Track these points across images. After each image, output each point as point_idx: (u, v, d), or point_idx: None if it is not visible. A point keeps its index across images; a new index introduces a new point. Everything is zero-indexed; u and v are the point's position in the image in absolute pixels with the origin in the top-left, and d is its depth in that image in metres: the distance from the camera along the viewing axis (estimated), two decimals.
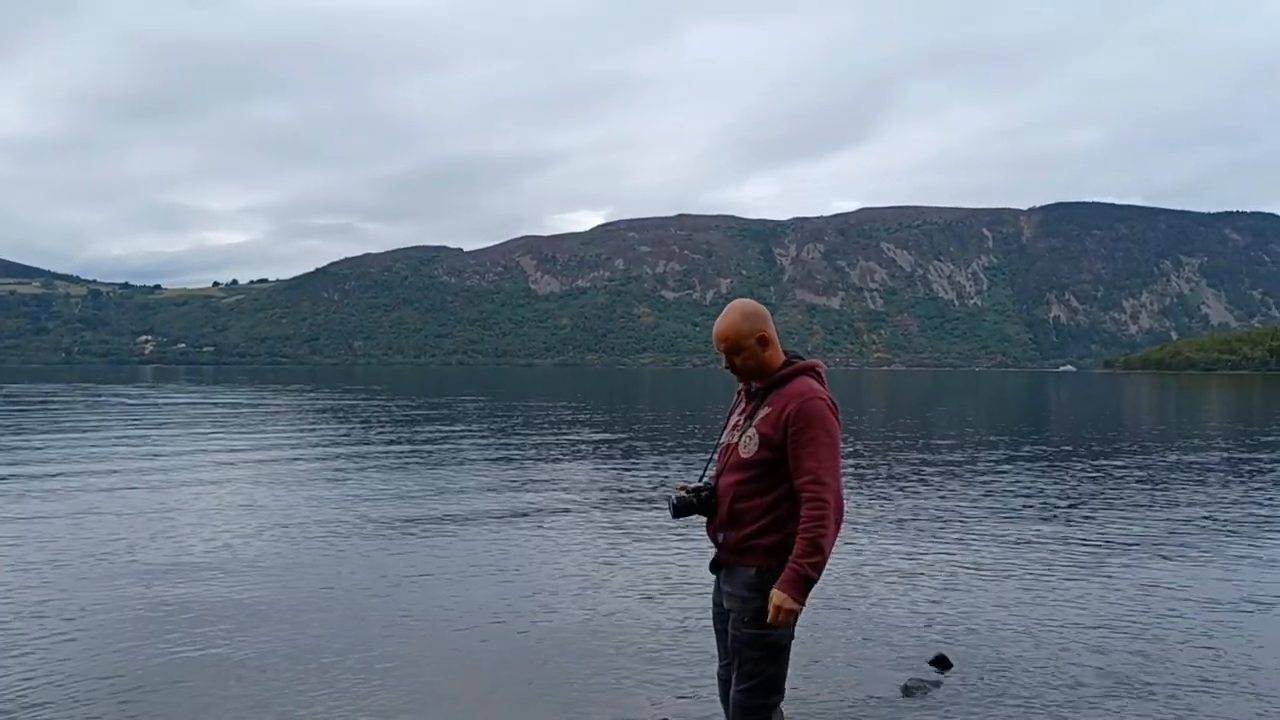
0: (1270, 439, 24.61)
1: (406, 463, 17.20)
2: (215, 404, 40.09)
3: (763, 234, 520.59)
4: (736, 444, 3.50)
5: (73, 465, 16.20)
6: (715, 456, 3.68)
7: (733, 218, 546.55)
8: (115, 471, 15.45)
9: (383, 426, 27.03)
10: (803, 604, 3.28)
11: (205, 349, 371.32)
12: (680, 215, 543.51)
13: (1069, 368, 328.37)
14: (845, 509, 3.42)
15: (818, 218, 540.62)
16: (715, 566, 3.60)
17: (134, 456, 17.89)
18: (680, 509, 3.53)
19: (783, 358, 3.53)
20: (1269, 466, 17.66)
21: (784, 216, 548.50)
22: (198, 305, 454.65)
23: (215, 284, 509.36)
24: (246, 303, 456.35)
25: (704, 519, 3.59)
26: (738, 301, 3.59)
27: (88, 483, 13.91)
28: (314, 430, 25.86)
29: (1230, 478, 15.86)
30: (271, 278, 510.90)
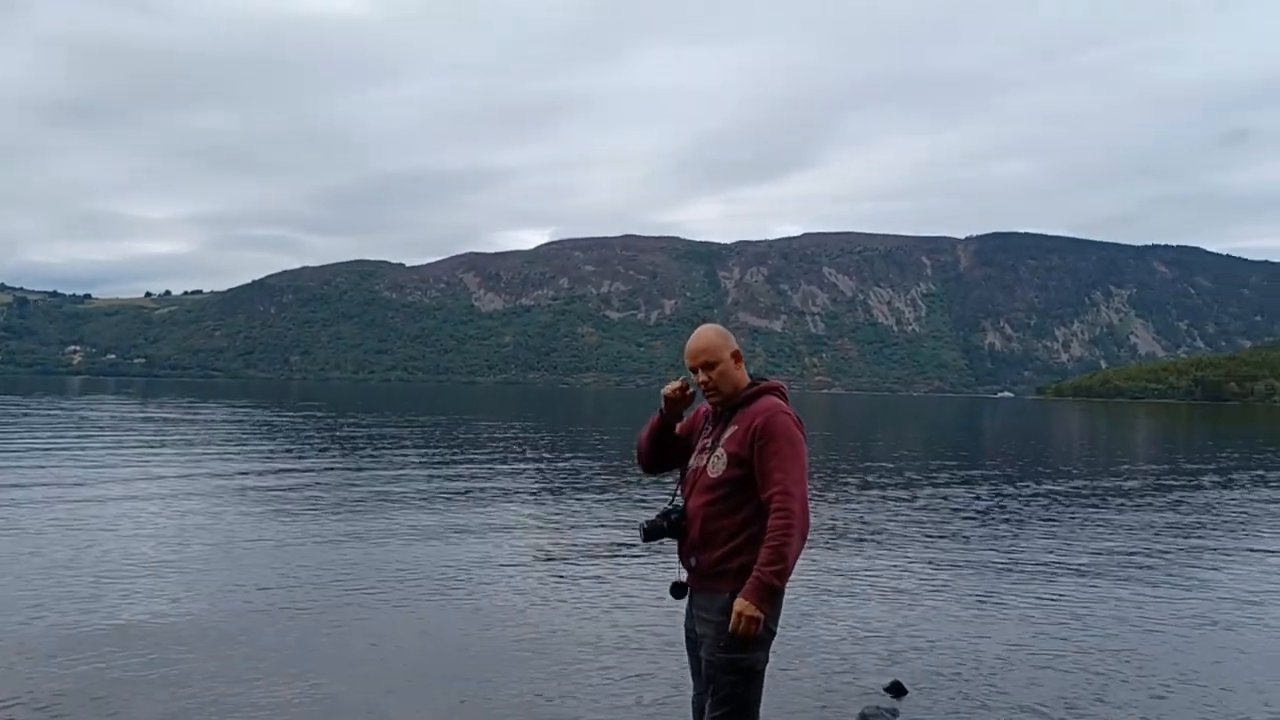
0: (1197, 466, 25.32)
1: (340, 480, 16.87)
2: (142, 417, 39.00)
3: (707, 256, 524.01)
4: (705, 465, 3.52)
5: None
6: (681, 481, 3.67)
7: (678, 239, 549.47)
8: (35, 485, 14.90)
9: (317, 443, 26.53)
10: (765, 613, 3.27)
11: (136, 360, 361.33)
12: (626, 235, 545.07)
13: (1006, 394, 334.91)
14: (810, 524, 3.45)
15: (761, 241, 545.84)
16: (681, 591, 3.56)
17: (55, 470, 17.28)
18: (651, 533, 3.53)
19: (749, 378, 3.62)
20: (1198, 492, 18.14)
21: (728, 239, 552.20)
22: (129, 315, 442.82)
23: (148, 294, 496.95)
24: (180, 314, 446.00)
25: (675, 543, 3.57)
26: (706, 325, 3.67)
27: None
28: (244, 446, 25.27)
29: (1164, 503, 16.25)
30: (206, 289, 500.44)
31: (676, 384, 3.59)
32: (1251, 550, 11.63)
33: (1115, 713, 5.73)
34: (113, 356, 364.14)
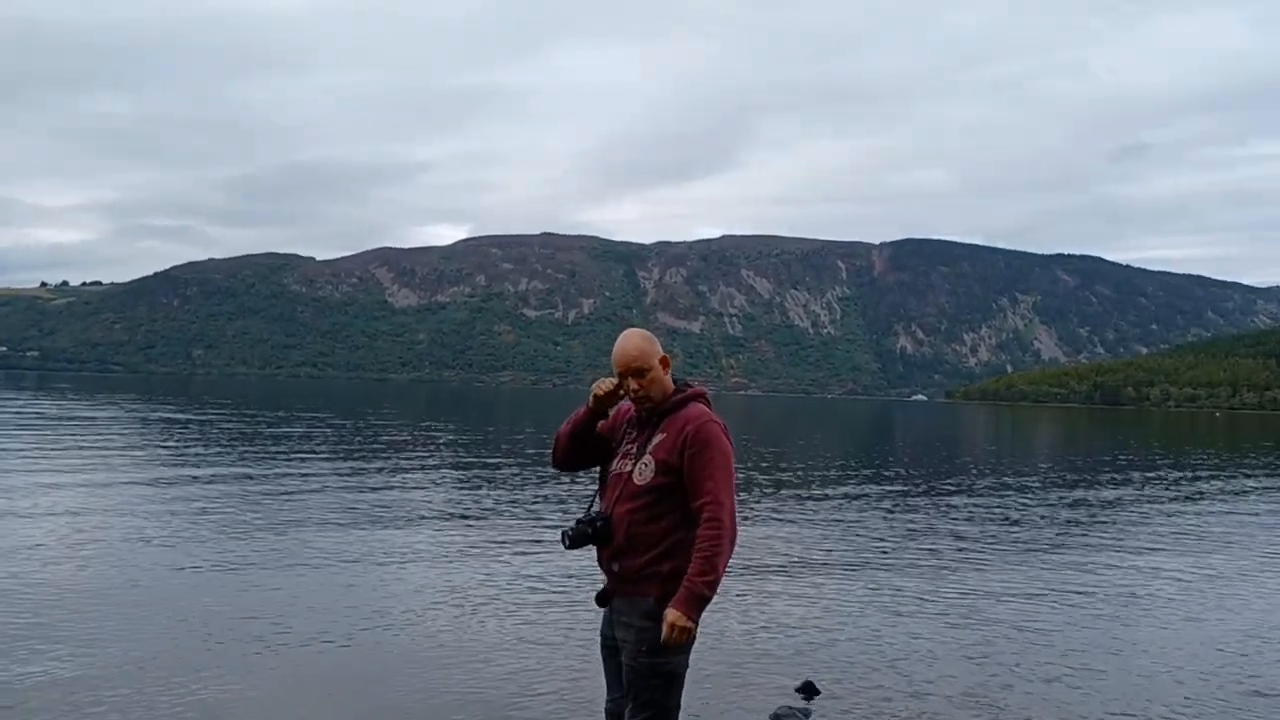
0: (1095, 468, 26.20)
1: (244, 480, 16.31)
2: (32, 413, 37.27)
3: (627, 256, 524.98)
4: (630, 472, 3.50)
5: None
6: (602, 486, 3.66)
7: (597, 239, 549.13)
8: None
9: (219, 441, 25.68)
10: (696, 622, 3.28)
11: (29, 353, 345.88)
12: (545, 234, 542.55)
13: (920, 397, 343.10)
14: (738, 532, 3.43)
15: (681, 243, 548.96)
16: (604, 598, 3.55)
17: None
18: (576, 539, 3.50)
19: (674, 383, 3.59)
20: (1096, 491, 18.78)
21: (648, 240, 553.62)
22: (22, 306, 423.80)
23: (43, 284, 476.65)
24: (77, 305, 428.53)
25: (594, 550, 3.54)
26: (631, 329, 3.64)
27: None
28: (142, 443, 24.32)
29: (1064, 503, 16.75)
30: (106, 280, 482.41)
31: (610, 383, 3.56)
32: (1144, 548, 12.02)
33: (1022, 699, 5.90)
34: (3, 349, 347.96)
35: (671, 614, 3.26)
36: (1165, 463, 29.44)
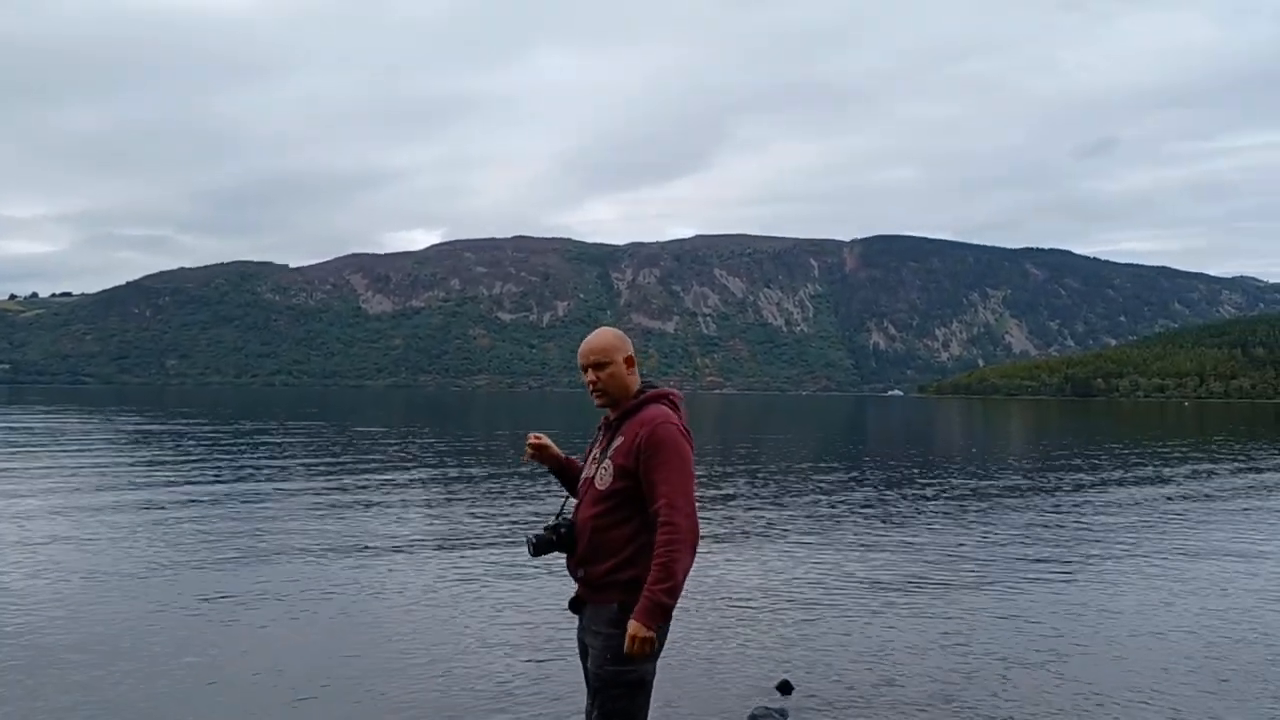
0: (1074, 460, 26.46)
1: (218, 494, 16.19)
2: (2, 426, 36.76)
3: (600, 258, 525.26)
4: (593, 477, 3.48)
5: None
6: (572, 493, 3.67)
7: (570, 241, 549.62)
8: None
9: (193, 453, 25.45)
10: (660, 631, 3.24)
11: (0, 366, 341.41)
12: (518, 237, 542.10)
13: (896, 392, 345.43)
14: (700, 535, 3.37)
15: (654, 243, 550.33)
16: (577, 605, 3.54)
17: None
18: (540, 547, 3.49)
19: (638, 385, 3.55)
20: (1075, 490, 18.96)
21: (621, 241, 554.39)
22: None
23: (12, 296, 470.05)
24: (47, 317, 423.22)
25: (564, 556, 3.54)
26: (604, 327, 3.65)
27: None
28: (113, 457, 24.06)
29: (1041, 499, 16.89)
30: (76, 291, 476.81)
31: (534, 437, 3.67)
32: (1122, 546, 12.16)
33: (996, 700, 5.90)
34: None
35: (632, 624, 3.21)
36: (1135, 452, 29.81)
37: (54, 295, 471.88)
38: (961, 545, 11.52)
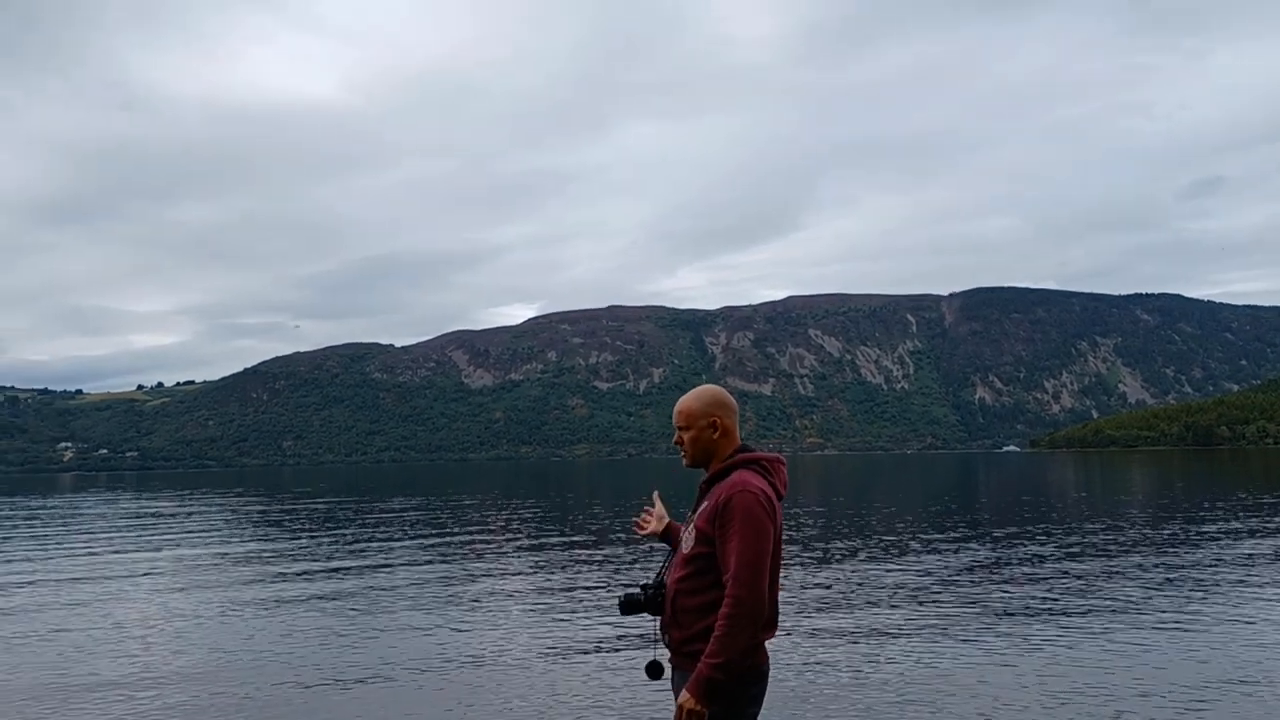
0: (1199, 513, 25.34)
1: (336, 563, 16.78)
2: (129, 510, 38.71)
3: (693, 323, 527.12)
4: (681, 541, 3.48)
5: None
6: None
7: (663, 308, 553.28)
8: (30, 583, 14.79)
9: (310, 527, 26.37)
10: (706, 708, 3.13)
11: (128, 454, 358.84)
12: (611, 306, 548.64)
13: (1012, 447, 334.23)
14: (778, 610, 3.34)
15: (746, 306, 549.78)
16: (657, 670, 3.51)
17: (42, 568, 17.15)
18: (628, 606, 3.50)
19: (734, 449, 3.47)
20: (1201, 539, 18.20)
21: (713, 306, 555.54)
22: (120, 409, 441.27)
23: (139, 387, 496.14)
24: (172, 405, 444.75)
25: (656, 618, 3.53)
26: (704, 386, 3.61)
27: None
28: (236, 534, 25.11)
29: (1169, 550, 16.28)
30: (198, 379, 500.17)
31: (643, 519, 3.79)
32: (1256, 598, 11.67)
33: None
34: (104, 451, 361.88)
35: (683, 694, 3.16)
36: (1272, 506, 28.35)
37: (177, 384, 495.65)
38: (1112, 595, 11.20)
